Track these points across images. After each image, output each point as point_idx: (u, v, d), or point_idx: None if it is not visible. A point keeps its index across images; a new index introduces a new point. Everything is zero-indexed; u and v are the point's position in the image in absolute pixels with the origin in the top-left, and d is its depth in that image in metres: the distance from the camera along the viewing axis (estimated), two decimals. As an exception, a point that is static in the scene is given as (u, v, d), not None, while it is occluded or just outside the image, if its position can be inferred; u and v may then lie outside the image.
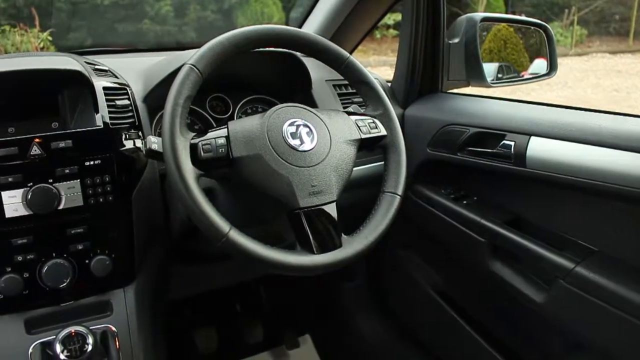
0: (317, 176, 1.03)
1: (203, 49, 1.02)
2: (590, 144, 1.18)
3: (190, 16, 8.22)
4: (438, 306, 1.75)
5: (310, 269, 1.00)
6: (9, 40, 6.55)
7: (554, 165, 1.24)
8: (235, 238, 0.95)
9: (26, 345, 1.11)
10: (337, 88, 1.57)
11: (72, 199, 1.11)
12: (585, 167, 1.18)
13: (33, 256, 1.10)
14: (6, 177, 1.06)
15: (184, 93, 0.98)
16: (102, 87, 1.18)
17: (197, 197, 0.94)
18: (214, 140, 1.01)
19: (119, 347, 1.16)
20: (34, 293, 1.11)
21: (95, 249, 1.15)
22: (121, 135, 1.16)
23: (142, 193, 1.19)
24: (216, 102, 1.44)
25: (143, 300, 1.23)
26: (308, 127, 1.07)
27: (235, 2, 8.37)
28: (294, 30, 1.13)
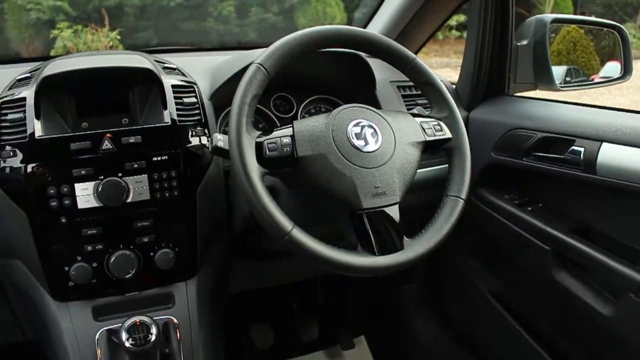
0: (380, 177, 1.03)
1: (270, 49, 1.04)
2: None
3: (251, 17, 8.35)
4: (496, 313, 1.71)
5: (371, 271, 1.00)
6: (81, 39, 6.84)
7: (627, 174, 1.19)
8: (297, 236, 0.95)
9: (94, 331, 1.16)
10: (402, 89, 1.55)
11: (139, 193, 1.14)
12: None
13: (102, 247, 1.15)
14: (79, 170, 1.11)
15: (251, 92, 0.99)
16: (170, 84, 1.22)
17: (261, 195, 0.95)
18: (279, 139, 1.02)
19: (180, 338, 1.19)
20: (102, 282, 1.16)
21: (159, 242, 1.18)
22: (188, 132, 1.19)
23: (206, 189, 1.21)
24: (280, 102, 1.45)
25: (204, 293, 1.26)
26: (373, 128, 1.06)
27: (297, 2, 8.43)
28: (360, 31, 1.13)
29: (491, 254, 1.73)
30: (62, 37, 6.89)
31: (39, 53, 7.30)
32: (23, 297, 1.24)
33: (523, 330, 1.63)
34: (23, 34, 7.52)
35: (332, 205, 1.05)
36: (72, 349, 1.15)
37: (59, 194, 1.10)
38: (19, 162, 1.09)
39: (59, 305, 1.18)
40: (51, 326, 1.19)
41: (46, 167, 1.10)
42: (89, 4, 7.49)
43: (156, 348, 1.08)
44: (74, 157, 1.11)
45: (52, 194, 1.10)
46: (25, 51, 7.45)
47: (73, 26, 7.02)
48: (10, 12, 7.52)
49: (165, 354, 1.15)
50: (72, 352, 1.15)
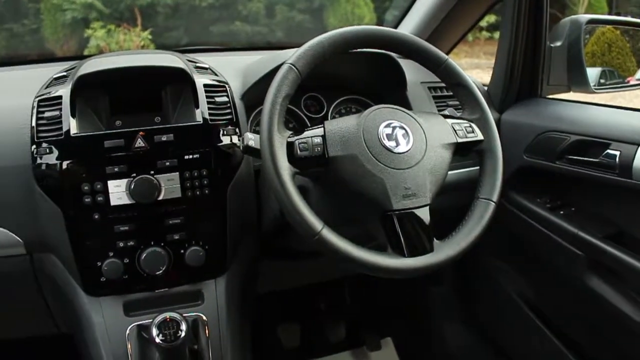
0: (411, 179, 1.02)
1: (302, 49, 1.04)
2: None
3: (279, 16, 8.38)
4: (526, 318, 1.68)
5: (401, 272, 0.99)
6: (113, 38, 6.95)
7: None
8: (327, 236, 0.95)
9: (124, 326, 1.18)
10: (432, 90, 1.54)
11: (171, 191, 1.16)
12: None
13: (133, 243, 1.16)
14: (113, 167, 1.13)
15: (283, 91, 1.00)
16: (202, 84, 1.23)
17: (292, 195, 0.95)
18: (310, 139, 1.02)
19: (208, 335, 1.21)
20: (133, 278, 1.18)
21: (190, 240, 1.19)
22: (219, 131, 1.20)
23: (236, 188, 1.22)
24: (311, 101, 1.45)
25: (233, 292, 1.27)
26: (404, 129, 1.06)
27: (326, 2, 8.44)
28: (392, 32, 1.13)
29: (522, 257, 1.71)
30: (95, 37, 7.01)
31: (72, 52, 7.44)
32: (57, 291, 1.26)
33: (553, 336, 1.60)
34: (58, 33, 7.67)
35: (362, 205, 1.05)
36: (104, 343, 1.17)
37: (92, 190, 1.12)
38: (54, 159, 1.11)
39: (91, 300, 1.20)
40: (83, 320, 1.21)
41: (80, 164, 1.12)
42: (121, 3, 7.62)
43: (185, 344, 1.09)
44: (108, 155, 1.13)
45: (86, 190, 1.12)
46: (59, 51, 7.60)
47: (106, 26, 7.14)
48: (46, 12, 7.69)
49: (193, 351, 1.16)
50: (104, 346, 1.17)
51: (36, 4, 7.75)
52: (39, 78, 1.31)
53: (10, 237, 1.18)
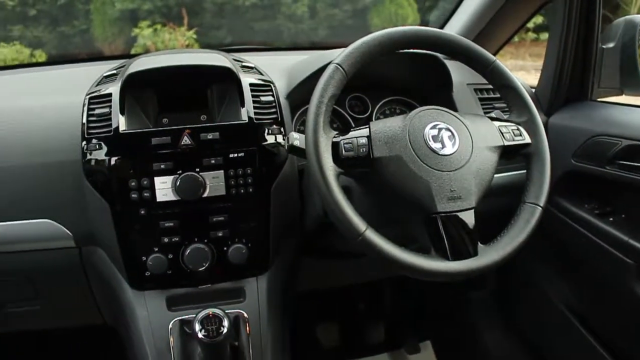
0: (456, 181, 1.01)
1: (349, 49, 1.04)
2: None
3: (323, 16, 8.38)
4: (571, 327, 1.64)
5: (444, 275, 0.98)
6: (159, 37, 7.08)
7: None
8: (371, 237, 0.95)
9: (167, 320, 1.21)
10: (479, 92, 1.52)
11: (215, 188, 1.17)
12: None
13: (178, 239, 1.18)
14: (159, 164, 1.15)
15: (329, 91, 1.00)
16: (248, 83, 1.24)
17: (336, 195, 0.95)
18: (355, 139, 1.02)
19: (249, 332, 1.22)
20: (176, 273, 1.20)
21: (233, 237, 1.21)
22: (264, 130, 1.21)
23: (280, 187, 1.23)
24: (355, 102, 1.45)
25: (274, 290, 1.28)
26: (450, 131, 1.05)
27: (369, 3, 8.40)
28: (439, 32, 1.12)
29: (567, 264, 1.66)
30: (142, 36, 7.15)
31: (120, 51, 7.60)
32: (103, 283, 1.30)
33: (599, 346, 1.56)
34: (106, 32, 7.86)
35: (405, 207, 1.04)
36: (147, 336, 1.20)
37: (139, 186, 1.14)
38: (103, 155, 1.14)
39: (136, 293, 1.23)
40: (128, 313, 1.24)
41: (128, 160, 1.14)
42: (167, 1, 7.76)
43: (227, 341, 1.11)
44: (155, 152, 1.15)
45: (133, 186, 1.14)
46: (107, 49, 7.78)
47: (153, 25, 7.27)
48: (96, 12, 7.89)
49: (234, 347, 1.18)
50: (147, 339, 1.20)
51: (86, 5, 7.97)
52: (89, 76, 1.34)
53: (61, 230, 1.21)
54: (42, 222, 1.22)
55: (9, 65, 3.78)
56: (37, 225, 1.22)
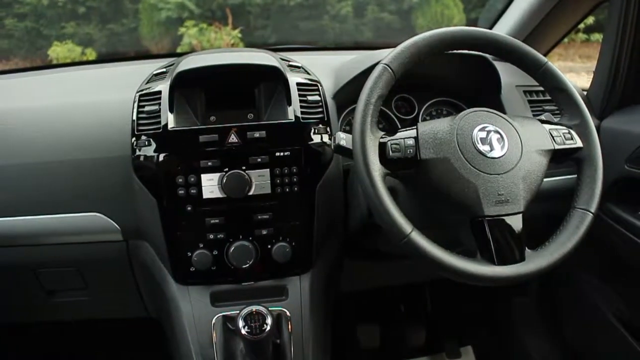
0: (504, 185, 0.99)
1: (397, 49, 1.03)
2: None
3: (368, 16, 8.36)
4: (620, 338, 1.59)
5: (490, 280, 0.97)
6: (205, 36, 7.19)
7: None
8: (416, 239, 0.95)
9: (210, 316, 1.22)
10: (528, 94, 1.49)
11: (261, 187, 1.18)
12: None
13: (223, 236, 1.20)
14: (206, 162, 1.16)
15: (377, 92, 1.00)
16: (295, 82, 1.25)
17: (382, 196, 0.95)
18: (403, 140, 1.01)
19: (291, 330, 1.22)
20: (220, 270, 1.22)
21: (277, 236, 1.22)
22: (310, 130, 1.21)
23: (325, 186, 1.23)
24: (401, 103, 1.44)
25: (317, 289, 1.28)
26: (499, 134, 1.03)
27: (415, 3, 8.34)
28: (489, 33, 1.10)
29: (617, 274, 1.61)
30: (188, 35, 7.28)
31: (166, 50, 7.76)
32: (148, 277, 1.32)
33: None
34: (153, 32, 8.03)
35: (452, 210, 1.03)
36: (190, 330, 1.22)
37: (186, 183, 1.16)
38: (152, 151, 1.17)
39: (180, 288, 1.25)
40: (172, 307, 1.26)
41: (176, 157, 1.17)
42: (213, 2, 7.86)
43: (269, 338, 1.11)
44: (202, 149, 1.17)
45: (180, 182, 1.16)
46: (154, 48, 7.95)
47: (198, 24, 7.39)
48: (144, 11, 8.07)
49: (276, 345, 1.18)
50: (190, 333, 1.22)
51: (135, 4, 8.16)
52: (137, 74, 1.37)
53: (110, 224, 1.24)
54: (92, 216, 1.25)
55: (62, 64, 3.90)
56: (87, 218, 1.25)
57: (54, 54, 7.41)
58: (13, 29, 8.12)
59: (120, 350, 2.00)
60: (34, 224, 1.26)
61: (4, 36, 8.12)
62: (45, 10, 8.07)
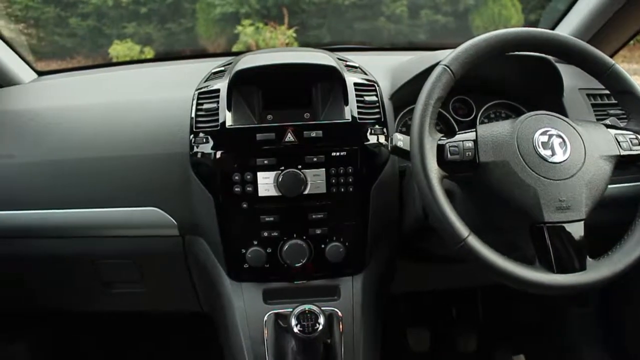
0: (566, 191, 0.97)
1: (458, 50, 1.02)
2: None
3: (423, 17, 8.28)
4: None
5: (548, 288, 0.94)
6: (260, 35, 7.27)
7: None
8: (473, 244, 0.93)
9: (263, 313, 1.23)
10: (592, 98, 1.43)
11: (316, 186, 1.19)
12: None
13: (277, 234, 1.21)
14: (262, 160, 1.18)
15: (436, 93, 0.99)
16: (353, 82, 1.25)
17: (439, 198, 0.94)
18: (461, 143, 1.00)
19: (342, 331, 1.22)
20: (274, 267, 1.23)
21: (331, 235, 1.22)
22: (367, 130, 1.21)
23: (380, 187, 1.22)
24: (459, 104, 1.41)
25: (369, 290, 1.27)
26: (561, 138, 1.00)
27: (471, 4, 8.21)
28: (553, 34, 1.07)
29: None
30: (244, 34, 7.38)
31: (222, 49, 7.88)
32: (202, 272, 1.35)
33: None
34: (210, 31, 8.19)
35: (510, 215, 1.01)
36: (242, 326, 1.23)
37: (242, 180, 1.18)
38: (209, 149, 1.19)
39: (234, 284, 1.27)
40: (225, 302, 1.28)
41: (233, 154, 1.18)
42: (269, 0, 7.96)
43: (321, 337, 1.11)
44: (259, 147, 1.18)
45: (237, 180, 1.18)
46: (210, 47, 8.10)
47: (255, 24, 7.48)
48: (200, 11, 8.23)
49: (326, 345, 1.18)
50: (242, 329, 1.23)
51: (192, 4, 8.33)
52: (194, 72, 1.40)
53: (167, 219, 1.27)
54: (149, 210, 1.28)
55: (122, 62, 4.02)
56: (145, 212, 1.29)
57: (114, 52, 7.65)
58: (77, 28, 8.43)
59: (171, 342, 2.05)
60: (93, 217, 1.30)
61: (68, 35, 8.43)
62: (108, 10, 8.34)
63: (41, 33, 8.33)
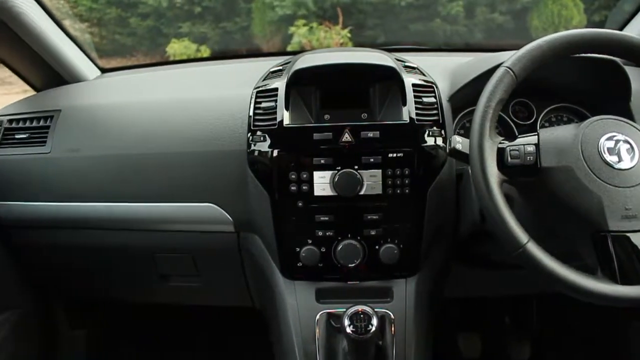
0: (633, 199, 0.94)
1: (521, 52, 1.00)
2: None
3: (479, 18, 8.15)
4: None
5: (611, 300, 0.91)
6: (315, 35, 7.31)
7: None
8: (532, 251, 0.91)
9: (315, 312, 1.24)
10: None
11: (372, 187, 1.18)
12: None
13: (331, 234, 1.21)
14: (319, 159, 1.18)
15: (497, 95, 0.97)
16: (411, 83, 1.23)
17: (498, 203, 0.92)
18: (522, 146, 0.98)
19: (394, 333, 1.21)
20: (327, 267, 1.23)
21: (386, 237, 1.21)
22: (424, 132, 1.19)
23: (437, 190, 1.21)
24: (519, 107, 1.38)
25: (422, 293, 1.26)
26: (629, 144, 0.97)
27: (528, 3, 8.03)
28: (623, 35, 1.03)
29: None
30: (298, 34, 7.44)
31: (276, 48, 7.98)
32: (256, 269, 1.36)
33: None
34: (265, 30, 8.29)
35: (572, 222, 0.98)
36: (294, 325, 1.24)
37: (299, 179, 1.18)
38: (266, 147, 1.20)
39: (287, 282, 1.27)
40: (277, 299, 1.29)
41: (290, 153, 1.19)
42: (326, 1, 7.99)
43: (374, 339, 1.11)
44: (316, 147, 1.18)
45: (293, 179, 1.18)
46: (265, 46, 8.21)
47: (309, 24, 7.53)
48: (256, 10, 8.34)
49: (378, 346, 1.18)
50: (294, 327, 1.24)
51: (248, 4, 8.46)
52: (249, 71, 1.41)
53: (223, 215, 1.29)
54: (207, 206, 1.31)
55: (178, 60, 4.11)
56: (203, 208, 1.31)
57: (171, 50, 7.86)
58: (136, 28, 8.71)
59: (221, 336, 2.08)
60: (152, 211, 1.34)
61: (128, 34, 8.71)
62: (165, 10, 8.57)
63: (103, 32, 8.64)
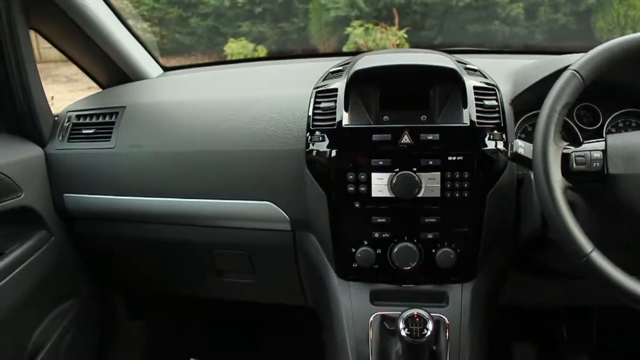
0: None
1: (589, 54, 0.96)
2: None
3: (541, 19, 7.93)
4: None
5: None
6: (371, 36, 7.29)
7: None
8: (597, 260, 0.88)
9: (369, 313, 1.23)
10: None
11: (430, 190, 1.17)
12: None
13: (388, 235, 1.21)
14: (378, 160, 1.18)
15: (563, 99, 0.94)
16: (472, 85, 1.21)
17: (562, 210, 0.90)
18: (589, 152, 0.95)
19: (448, 338, 1.20)
20: (382, 269, 1.23)
21: (442, 241, 1.20)
22: (485, 135, 1.17)
23: (497, 194, 1.19)
24: (584, 112, 1.34)
25: (478, 299, 1.24)
26: None
27: (593, 4, 7.75)
28: None
29: None
30: (354, 35, 7.44)
31: (332, 49, 8.00)
32: (311, 269, 1.37)
33: None
34: (321, 31, 8.33)
35: None
36: (348, 325, 1.24)
37: (356, 180, 1.18)
38: (325, 147, 1.20)
39: (341, 283, 1.28)
40: (332, 299, 1.29)
41: (348, 154, 1.19)
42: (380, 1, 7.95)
43: (427, 343, 1.10)
44: (374, 148, 1.18)
45: (351, 179, 1.19)
46: (321, 47, 8.24)
47: (365, 24, 7.52)
48: (314, 11, 8.39)
49: (432, 351, 1.17)
50: (348, 328, 1.24)
51: (305, 4, 8.51)
52: (307, 71, 1.42)
53: (280, 214, 1.31)
54: (264, 204, 1.32)
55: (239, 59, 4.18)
56: (260, 206, 1.33)
57: (229, 49, 8.00)
58: (196, 27, 8.90)
59: (274, 334, 2.10)
60: (211, 207, 1.37)
61: (188, 33, 8.91)
62: (226, 10, 8.72)
63: (164, 31, 8.86)
